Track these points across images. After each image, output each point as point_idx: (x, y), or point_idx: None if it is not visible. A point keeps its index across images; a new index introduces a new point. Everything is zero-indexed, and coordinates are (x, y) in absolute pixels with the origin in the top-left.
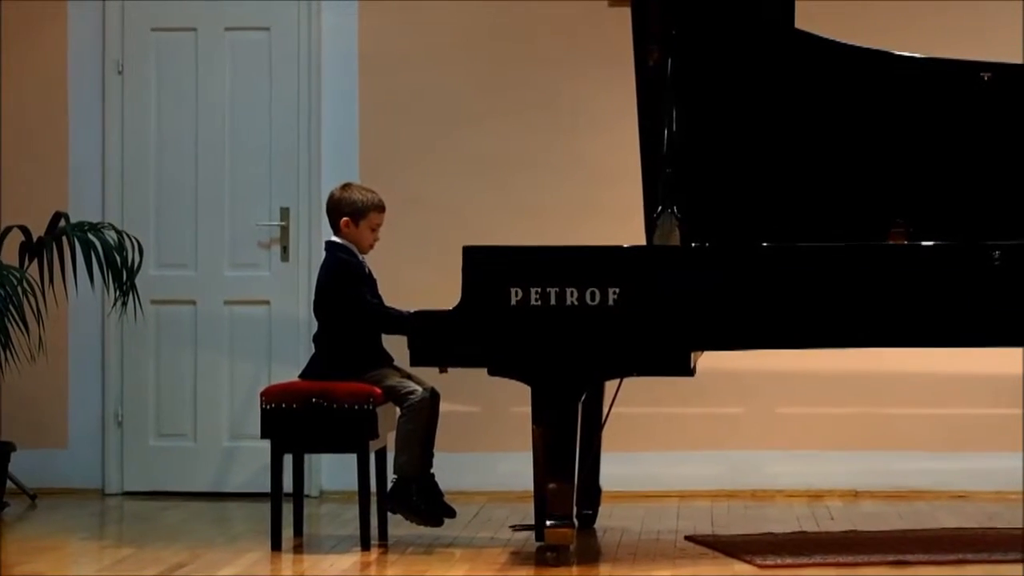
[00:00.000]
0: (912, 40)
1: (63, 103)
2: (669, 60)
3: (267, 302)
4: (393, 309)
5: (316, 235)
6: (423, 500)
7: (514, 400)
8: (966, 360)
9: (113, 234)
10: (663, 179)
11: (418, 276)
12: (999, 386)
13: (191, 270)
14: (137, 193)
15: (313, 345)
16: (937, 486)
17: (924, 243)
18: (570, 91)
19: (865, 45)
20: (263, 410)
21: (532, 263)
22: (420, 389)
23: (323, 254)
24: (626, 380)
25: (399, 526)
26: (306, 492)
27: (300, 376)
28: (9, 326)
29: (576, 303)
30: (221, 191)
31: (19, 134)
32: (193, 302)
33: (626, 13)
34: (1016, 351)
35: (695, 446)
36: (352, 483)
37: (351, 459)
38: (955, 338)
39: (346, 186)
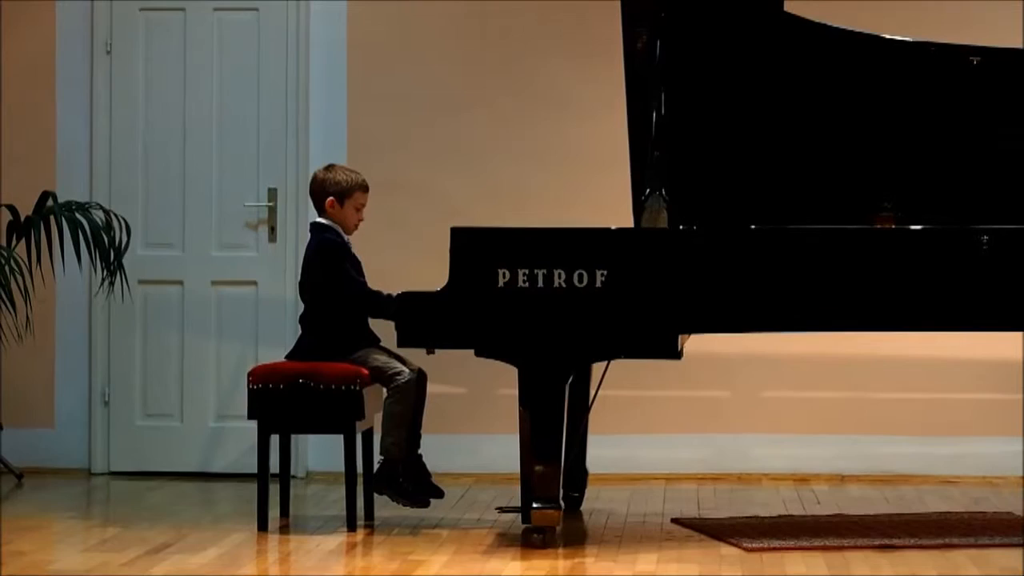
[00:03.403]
0: (910, 34)
1: (51, 82)
2: (658, 43)
3: (254, 283)
4: (379, 292)
5: (303, 216)
6: (410, 481)
7: (501, 382)
8: (953, 345)
9: (101, 214)
10: (651, 162)
11: (404, 259)
12: (986, 371)
13: (178, 250)
14: (125, 173)
15: (300, 326)
16: (923, 470)
17: (912, 227)
18: (557, 77)
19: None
20: (250, 390)
21: (520, 245)
22: (407, 370)
23: (310, 235)
24: (613, 363)
25: (385, 507)
26: (292, 473)
27: (287, 357)
28: None
29: (563, 285)
30: (209, 171)
31: (7, 113)
32: (180, 282)
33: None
34: (1004, 336)
35: (681, 429)
36: (338, 464)
37: (337, 440)
38: (943, 322)
39: (330, 167)
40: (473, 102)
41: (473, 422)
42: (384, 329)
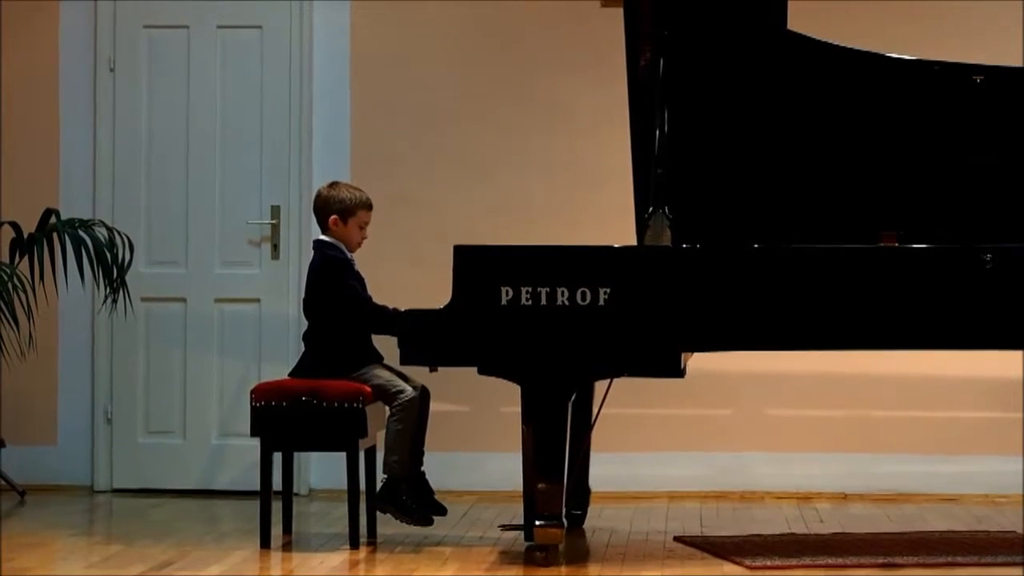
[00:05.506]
0: (910, 41)
1: (54, 99)
2: (661, 60)
3: (257, 300)
4: (385, 306)
5: (306, 233)
6: (413, 499)
7: (504, 399)
8: (956, 363)
9: (104, 231)
10: (654, 179)
11: (408, 275)
12: (989, 389)
13: (181, 268)
14: (128, 190)
15: (303, 343)
16: (926, 489)
17: (915, 245)
18: (561, 91)
19: (859, 47)
20: (253, 408)
21: (523, 262)
22: (410, 388)
23: (313, 253)
24: (616, 380)
25: (388, 525)
26: (295, 490)
27: (290, 374)
28: None
29: (567, 303)
30: (212, 189)
31: (10, 130)
32: (183, 300)
33: (616, 13)
34: (1007, 354)
35: (684, 447)
36: (341, 481)
37: (340, 457)
38: (946, 341)
39: (333, 184)
40: (479, 116)
41: (476, 440)
42: (387, 347)
